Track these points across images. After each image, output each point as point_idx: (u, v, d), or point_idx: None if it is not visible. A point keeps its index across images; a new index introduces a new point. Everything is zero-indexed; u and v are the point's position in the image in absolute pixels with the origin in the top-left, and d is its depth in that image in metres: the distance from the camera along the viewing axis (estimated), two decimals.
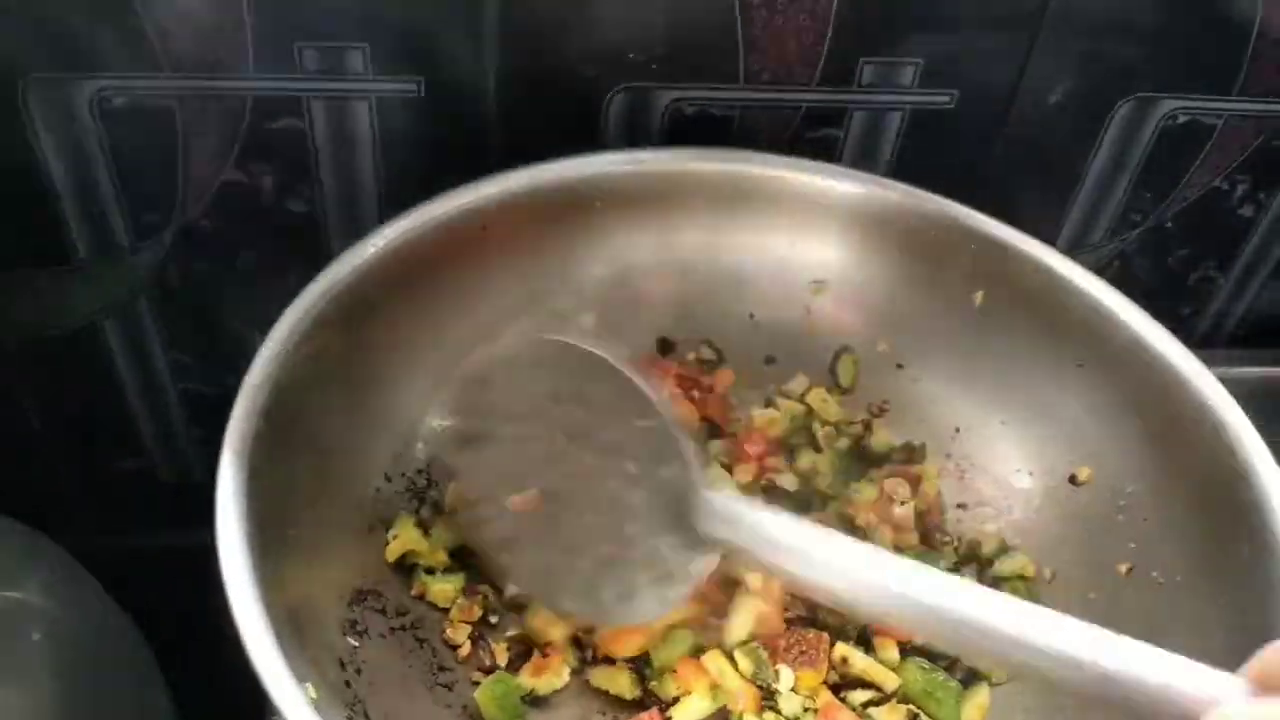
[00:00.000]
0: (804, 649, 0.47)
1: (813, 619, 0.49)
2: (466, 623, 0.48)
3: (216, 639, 0.37)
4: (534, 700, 0.46)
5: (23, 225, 0.54)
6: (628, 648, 0.47)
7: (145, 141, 0.51)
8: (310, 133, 0.52)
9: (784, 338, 0.56)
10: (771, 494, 0.53)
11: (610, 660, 0.47)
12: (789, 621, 0.48)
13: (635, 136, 0.55)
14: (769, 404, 0.56)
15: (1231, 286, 0.69)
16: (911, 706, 0.47)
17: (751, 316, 0.56)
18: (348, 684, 0.41)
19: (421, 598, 0.48)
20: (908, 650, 0.48)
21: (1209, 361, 0.48)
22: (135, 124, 0.51)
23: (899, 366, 0.56)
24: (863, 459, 0.55)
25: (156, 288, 0.57)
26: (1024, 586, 0.51)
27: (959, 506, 0.54)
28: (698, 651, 0.47)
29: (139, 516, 0.67)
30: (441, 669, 0.46)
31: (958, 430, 0.55)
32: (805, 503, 0.53)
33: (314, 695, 0.35)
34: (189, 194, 0.54)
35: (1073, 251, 0.63)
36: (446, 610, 0.48)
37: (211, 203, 0.54)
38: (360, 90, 0.51)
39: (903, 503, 0.53)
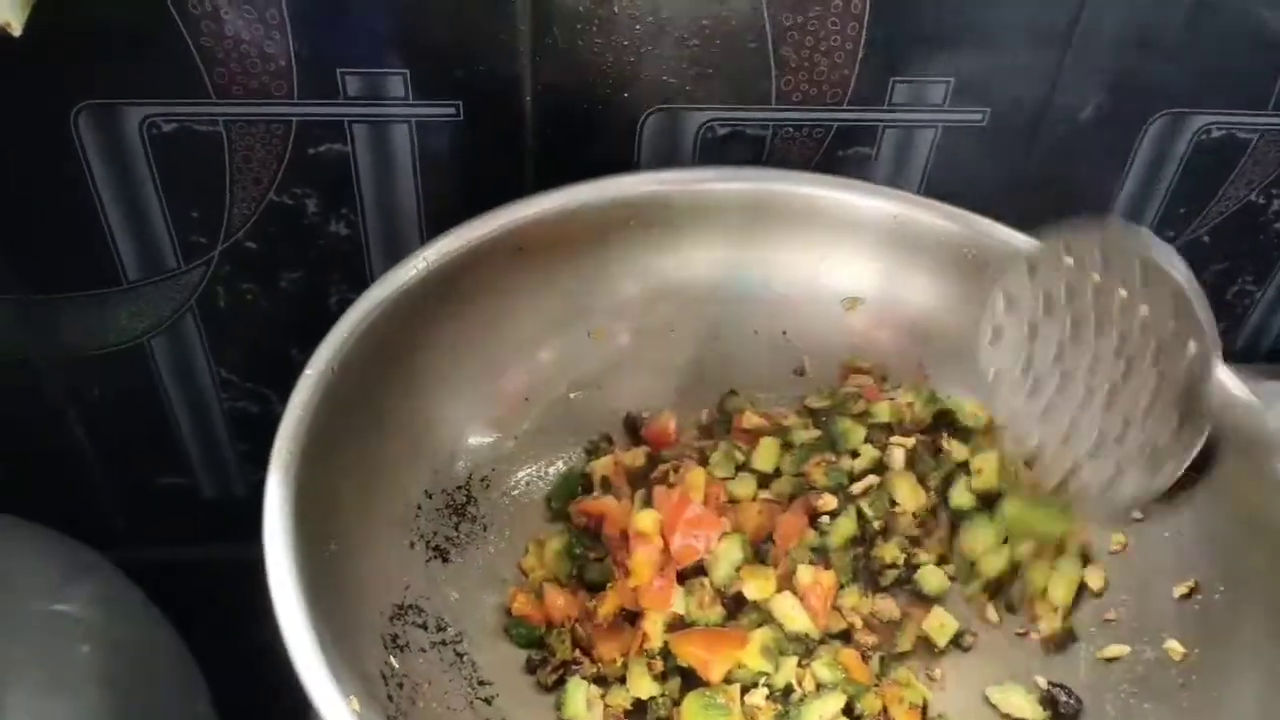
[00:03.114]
0: None
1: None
2: None
3: (257, 651, 0.37)
4: None
5: (73, 248, 0.55)
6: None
7: (192, 166, 0.53)
8: (352, 156, 0.53)
9: (816, 354, 0.57)
10: None
11: None
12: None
13: (669, 157, 0.56)
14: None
15: (1269, 300, 0.68)
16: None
17: (784, 333, 0.57)
18: (390, 697, 0.42)
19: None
20: None
21: (1248, 375, 0.47)
22: (183, 149, 0.52)
23: (927, 377, 0.56)
24: None
25: (203, 307, 0.58)
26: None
27: None
28: None
29: (181, 530, 0.68)
30: (481, 683, 0.47)
31: None
32: None
33: (357, 708, 0.36)
34: (235, 216, 0.55)
35: None
36: None
37: (256, 224, 0.55)
38: (400, 115, 0.52)
39: None
